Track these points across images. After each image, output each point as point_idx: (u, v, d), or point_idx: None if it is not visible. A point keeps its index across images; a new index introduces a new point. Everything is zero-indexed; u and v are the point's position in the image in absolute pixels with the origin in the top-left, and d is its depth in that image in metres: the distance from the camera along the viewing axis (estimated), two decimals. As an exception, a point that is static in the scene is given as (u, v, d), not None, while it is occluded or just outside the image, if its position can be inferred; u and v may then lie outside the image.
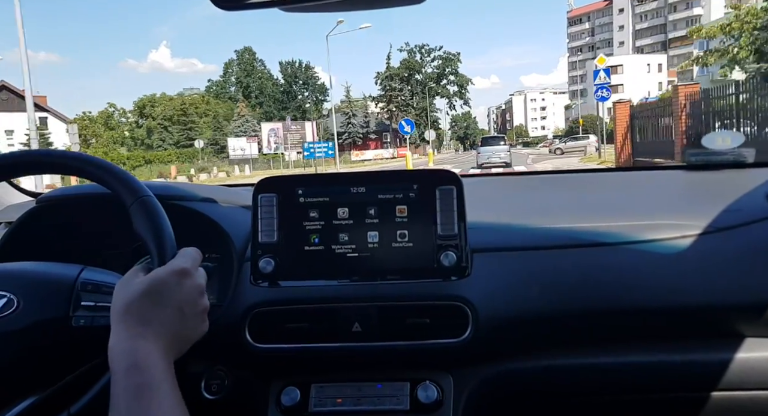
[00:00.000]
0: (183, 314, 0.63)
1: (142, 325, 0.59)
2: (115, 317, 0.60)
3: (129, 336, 0.58)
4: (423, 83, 63.89)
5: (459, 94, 66.76)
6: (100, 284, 0.74)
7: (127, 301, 0.61)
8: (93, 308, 0.71)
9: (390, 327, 0.92)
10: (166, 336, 0.61)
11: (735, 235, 0.97)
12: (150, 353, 0.58)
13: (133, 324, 0.59)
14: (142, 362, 0.57)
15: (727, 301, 0.93)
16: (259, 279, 0.94)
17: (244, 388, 0.99)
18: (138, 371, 0.56)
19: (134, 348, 0.57)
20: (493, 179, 1.87)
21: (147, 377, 0.56)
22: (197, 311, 0.65)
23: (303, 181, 0.96)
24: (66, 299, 0.70)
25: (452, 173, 0.95)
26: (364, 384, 0.95)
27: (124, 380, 0.55)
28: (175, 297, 0.63)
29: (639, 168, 1.82)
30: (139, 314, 0.60)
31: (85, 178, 0.74)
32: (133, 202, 0.70)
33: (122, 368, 0.56)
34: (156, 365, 0.57)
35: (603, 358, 0.98)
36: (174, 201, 1.01)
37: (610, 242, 0.97)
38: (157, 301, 0.61)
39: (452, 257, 0.90)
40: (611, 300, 0.94)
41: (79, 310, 0.70)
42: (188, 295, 0.64)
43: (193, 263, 0.67)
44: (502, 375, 0.98)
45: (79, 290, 0.71)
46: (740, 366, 0.95)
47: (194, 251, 0.69)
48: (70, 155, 0.74)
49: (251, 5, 0.67)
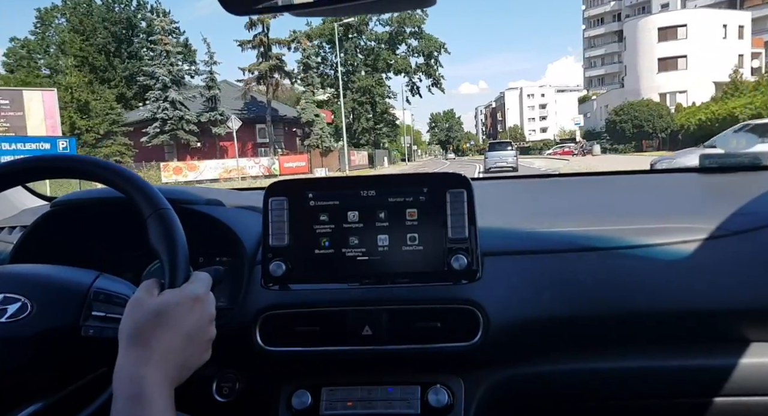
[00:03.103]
0: (190, 341, 0.63)
1: (149, 350, 0.59)
2: (124, 340, 0.60)
3: (135, 361, 0.59)
4: (367, 51, 40.21)
5: (425, 69, 41.44)
6: (112, 295, 0.73)
7: (137, 324, 0.61)
8: (103, 318, 0.71)
9: (400, 331, 0.92)
10: (171, 362, 0.60)
11: (749, 238, 0.96)
12: (154, 383, 0.58)
13: (141, 349, 0.59)
14: (145, 394, 0.56)
15: (738, 305, 0.92)
16: (270, 282, 0.94)
17: (255, 391, 1.00)
18: (140, 403, 0.56)
19: (140, 376, 0.57)
20: (503, 182, 1.84)
21: (147, 411, 0.56)
22: (204, 339, 0.66)
23: (313, 184, 0.96)
24: (77, 307, 0.70)
25: (462, 176, 0.95)
26: (375, 387, 0.95)
27: (124, 409, 0.56)
28: (186, 324, 0.63)
29: (653, 171, 1.84)
30: (147, 338, 0.60)
31: (105, 184, 0.74)
32: (151, 214, 0.70)
33: (125, 396, 0.56)
34: (159, 396, 0.57)
35: (615, 363, 0.97)
36: (185, 205, 1.01)
37: (623, 245, 0.97)
38: (167, 326, 0.61)
39: (463, 260, 0.90)
40: (624, 304, 0.94)
41: (90, 320, 0.70)
42: (199, 323, 0.64)
43: (206, 290, 0.67)
44: (513, 380, 0.97)
45: (92, 299, 0.71)
46: (748, 370, 0.94)
47: (207, 276, 0.69)
48: (91, 160, 0.74)
49: (261, 10, 0.67)
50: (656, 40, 41.51)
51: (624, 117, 34.65)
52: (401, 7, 0.69)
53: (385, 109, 41.11)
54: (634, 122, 34.11)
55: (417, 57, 41.78)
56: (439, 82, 42.03)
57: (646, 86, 41.08)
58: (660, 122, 33.28)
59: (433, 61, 41.41)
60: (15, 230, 1.23)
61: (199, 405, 0.70)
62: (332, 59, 40.43)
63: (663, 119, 33.37)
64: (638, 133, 33.84)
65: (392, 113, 43.68)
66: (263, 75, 29.49)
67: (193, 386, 0.62)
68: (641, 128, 33.71)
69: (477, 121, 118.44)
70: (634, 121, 34.07)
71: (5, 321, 0.66)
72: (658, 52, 41.38)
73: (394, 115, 44.55)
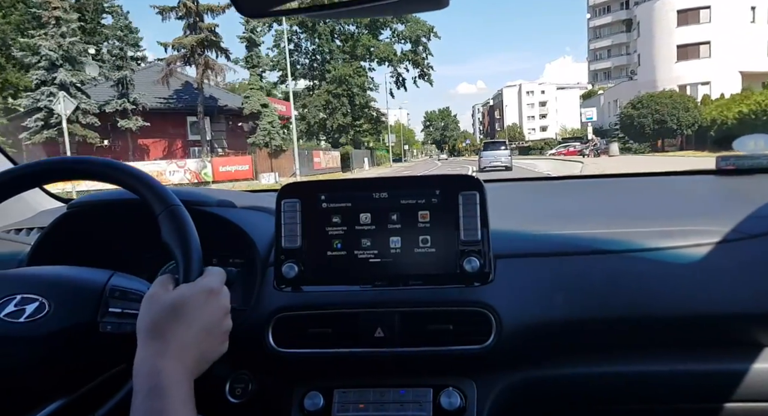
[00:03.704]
0: (207, 334, 0.64)
1: (167, 343, 0.60)
2: (142, 333, 0.62)
3: (153, 354, 0.60)
4: (345, 36, 35.01)
5: (412, 57, 36.42)
6: (127, 291, 0.75)
7: (154, 318, 0.62)
8: (120, 314, 0.72)
9: (413, 333, 0.92)
10: (189, 355, 0.62)
11: (766, 242, 0.95)
12: (172, 375, 0.59)
13: (158, 342, 0.60)
14: (163, 386, 0.57)
15: (754, 309, 0.91)
16: (282, 284, 0.95)
17: (267, 392, 1.00)
18: (158, 395, 0.57)
19: (158, 368, 0.59)
20: (516, 184, 1.81)
21: (166, 403, 0.57)
22: (221, 332, 0.67)
23: (325, 186, 0.96)
24: (95, 305, 0.72)
25: (475, 179, 0.94)
26: (387, 389, 0.95)
27: (144, 403, 0.57)
28: (202, 317, 0.64)
29: (668, 173, 1.73)
30: (164, 332, 0.61)
31: (114, 184, 0.76)
32: (162, 211, 0.71)
33: (144, 389, 0.57)
34: (178, 388, 0.58)
35: (627, 367, 0.97)
36: (198, 207, 1.02)
37: (636, 248, 0.96)
38: (184, 320, 0.62)
39: (475, 262, 0.90)
40: (639, 308, 0.93)
41: (107, 316, 0.71)
42: (214, 315, 0.65)
43: (220, 283, 0.68)
44: (525, 382, 0.97)
45: (108, 296, 0.73)
46: (761, 375, 0.93)
47: (220, 270, 0.70)
48: (100, 161, 0.76)
49: (275, 13, 0.68)
50: (675, 24, 36.12)
51: (643, 111, 29.41)
52: (414, 8, 0.67)
53: (365, 102, 35.53)
54: (654, 117, 28.79)
55: (403, 43, 36.86)
56: (427, 73, 36.55)
57: (663, 77, 35.67)
58: (686, 116, 28.09)
59: (421, 48, 36.42)
60: (33, 232, 1.24)
61: (212, 406, 0.71)
62: (307, 46, 35.40)
63: (690, 112, 28.11)
64: (660, 130, 28.77)
65: (375, 108, 37.59)
66: (191, 52, 22.72)
67: (207, 386, 0.62)
68: (663, 123, 28.47)
69: (474, 120, 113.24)
70: (654, 115, 28.94)
71: (24, 321, 0.68)
72: (677, 38, 35.99)
73: (378, 110, 39.40)
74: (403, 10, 0.70)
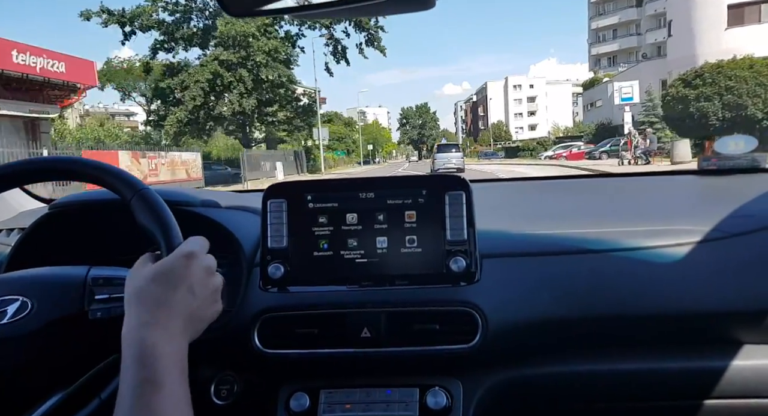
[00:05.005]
0: (194, 294, 0.64)
1: (154, 309, 0.61)
2: (127, 304, 0.63)
3: (139, 323, 0.60)
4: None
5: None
6: (111, 278, 0.76)
7: (138, 287, 0.63)
8: (108, 300, 0.73)
9: (399, 333, 0.93)
10: (180, 317, 0.62)
11: (747, 241, 0.96)
12: (158, 342, 0.58)
13: (144, 309, 0.61)
14: (149, 353, 0.57)
15: (735, 307, 0.93)
16: (269, 285, 0.95)
17: (253, 394, 1.00)
18: (144, 364, 0.57)
19: (143, 337, 0.58)
20: (502, 184, 1.83)
21: (152, 371, 0.56)
22: (208, 291, 0.67)
23: (312, 186, 0.96)
24: (79, 295, 0.72)
25: (461, 179, 0.95)
26: (374, 389, 0.95)
27: (131, 372, 0.56)
28: (185, 278, 0.64)
29: (651, 173, 1.79)
30: (150, 298, 0.62)
31: (81, 180, 0.76)
32: (133, 196, 0.72)
33: (130, 358, 0.57)
34: (164, 355, 0.58)
35: (611, 365, 0.98)
36: (183, 207, 1.02)
37: (621, 248, 0.97)
38: (167, 284, 0.63)
39: (461, 262, 0.91)
40: (622, 307, 0.94)
41: (94, 304, 0.72)
42: (197, 275, 0.66)
43: (201, 248, 0.69)
44: (511, 382, 0.98)
45: (91, 285, 0.74)
46: (742, 373, 0.95)
47: (201, 238, 0.71)
48: (64, 159, 0.76)
49: (261, 12, 0.69)
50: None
51: (705, 90, 18.59)
52: (400, 9, 0.68)
53: (280, 81, 23.23)
54: (725, 99, 18.14)
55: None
56: (377, 38, 23.31)
57: (708, 50, 24.27)
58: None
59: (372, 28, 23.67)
60: (13, 233, 1.23)
61: (196, 408, 0.67)
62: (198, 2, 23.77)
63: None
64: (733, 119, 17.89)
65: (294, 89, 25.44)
66: None
67: (191, 389, 0.61)
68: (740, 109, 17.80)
69: (456, 118, 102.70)
70: (725, 96, 18.11)
71: (6, 322, 0.68)
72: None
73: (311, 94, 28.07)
74: (389, 10, 0.73)
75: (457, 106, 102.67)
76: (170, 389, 0.56)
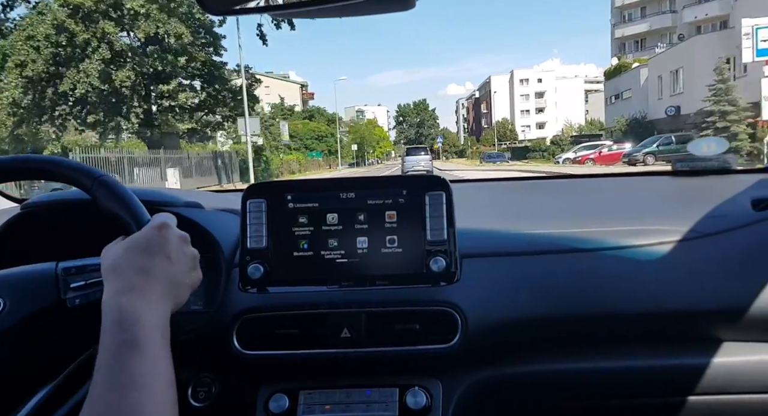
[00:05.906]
0: (170, 260, 0.64)
1: (133, 276, 0.61)
2: (105, 278, 0.62)
3: (116, 290, 0.60)
4: None
5: None
6: (83, 266, 0.75)
7: (114, 260, 0.63)
8: (84, 286, 0.73)
9: (379, 333, 0.93)
10: (159, 282, 0.62)
11: (720, 240, 0.98)
12: (136, 307, 0.58)
13: (122, 278, 0.61)
14: (128, 317, 0.57)
15: (711, 305, 0.95)
16: (248, 285, 0.94)
17: (231, 395, 0.99)
18: (122, 327, 0.56)
19: (121, 303, 0.58)
20: (482, 184, 1.84)
21: (131, 334, 0.56)
22: (185, 257, 0.67)
23: (292, 187, 0.96)
24: (52, 286, 0.72)
25: (441, 179, 0.95)
26: (353, 390, 0.96)
27: (109, 336, 0.56)
28: (161, 246, 0.65)
29: (627, 174, 1.86)
30: (127, 268, 0.62)
31: (36, 178, 0.76)
32: (93, 183, 0.72)
33: (109, 323, 0.57)
34: (144, 319, 0.58)
35: (591, 363, 0.99)
36: (161, 207, 1.00)
37: (599, 247, 0.98)
38: (144, 253, 0.63)
39: (441, 262, 0.91)
40: (600, 305, 0.95)
41: (70, 292, 0.72)
42: (171, 243, 0.66)
43: (171, 219, 0.69)
44: (490, 381, 0.98)
45: (63, 275, 0.73)
46: (721, 370, 0.96)
47: (168, 214, 0.71)
48: (20, 159, 0.74)
49: (240, 11, 0.68)
50: None
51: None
52: (380, 9, 0.70)
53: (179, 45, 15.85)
54: None
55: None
56: None
57: None
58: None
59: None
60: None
61: None
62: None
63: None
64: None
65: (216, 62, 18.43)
66: None
67: None
68: None
69: (458, 116, 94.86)
70: None
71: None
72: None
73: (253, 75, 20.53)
74: (370, 10, 0.73)
75: (459, 103, 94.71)
76: (150, 351, 0.56)
